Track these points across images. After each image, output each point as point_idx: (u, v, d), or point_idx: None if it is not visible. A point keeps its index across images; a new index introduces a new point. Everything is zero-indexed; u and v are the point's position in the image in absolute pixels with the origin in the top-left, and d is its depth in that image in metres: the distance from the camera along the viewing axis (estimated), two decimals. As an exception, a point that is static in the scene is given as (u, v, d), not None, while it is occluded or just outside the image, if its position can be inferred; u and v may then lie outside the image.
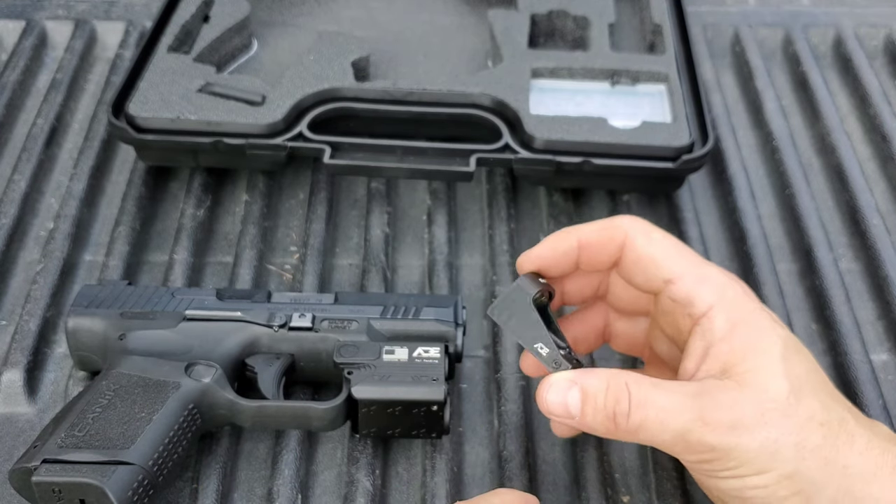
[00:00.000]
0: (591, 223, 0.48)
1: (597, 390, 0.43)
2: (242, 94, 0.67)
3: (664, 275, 0.46)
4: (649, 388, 0.42)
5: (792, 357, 0.43)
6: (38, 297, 0.61)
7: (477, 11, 0.82)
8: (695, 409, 0.41)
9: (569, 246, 0.48)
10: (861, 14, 0.86)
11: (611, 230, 0.47)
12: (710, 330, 0.44)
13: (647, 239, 0.47)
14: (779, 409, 0.41)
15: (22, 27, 0.83)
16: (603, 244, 0.48)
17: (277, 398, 0.52)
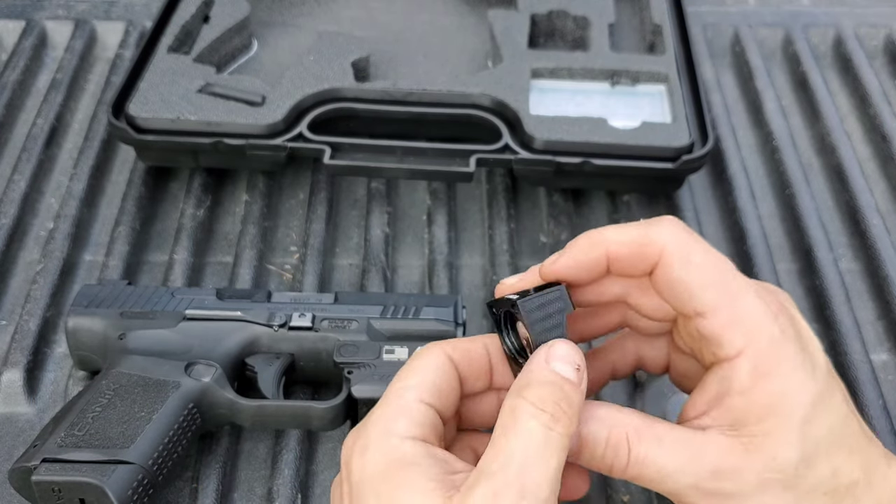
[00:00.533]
0: (625, 229, 0.42)
1: (596, 440, 0.40)
2: (242, 95, 0.68)
3: (696, 306, 0.40)
4: (651, 445, 0.39)
5: (817, 418, 0.39)
6: (38, 296, 0.61)
7: (477, 11, 0.82)
8: (694, 475, 0.39)
9: (597, 258, 0.42)
10: (861, 14, 0.86)
11: (646, 246, 0.41)
12: (731, 378, 0.40)
13: (685, 262, 0.40)
14: (782, 479, 0.39)
15: (22, 27, 0.83)
16: (634, 261, 0.42)
17: (277, 398, 0.52)
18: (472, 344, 0.43)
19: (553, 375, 0.39)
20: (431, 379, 0.41)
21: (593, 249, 0.43)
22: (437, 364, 0.42)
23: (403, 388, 0.41)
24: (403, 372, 0.42)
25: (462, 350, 0.43)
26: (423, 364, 0.42)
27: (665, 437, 0.40)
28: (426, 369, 0.41)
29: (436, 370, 0.42)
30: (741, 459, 0.39)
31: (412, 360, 0.42)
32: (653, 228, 0.42)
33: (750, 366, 0.40)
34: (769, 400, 0.39)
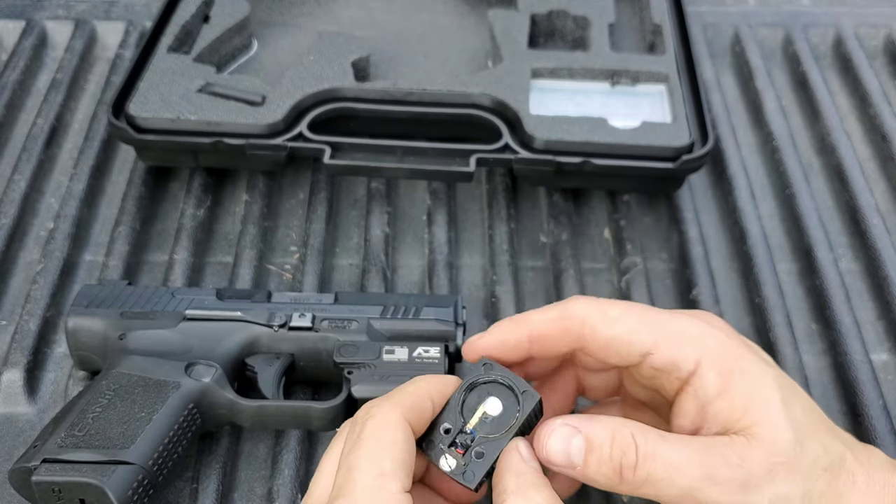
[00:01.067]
0: (543, 311, 0.45)
1: (602, 440, 0.40)
2: (242, 95, 0.68)
3: (639, 350, 0.43)
4: (657, 441, 0.40)
5: (790, 401, 0.41)
6: (38, 297, 0.61)
7: (477, 11, 0.82)
8: (704, 466, 0.39)
9: (517, 339, 0.44)
10: (861, 14, 0.86)
11: (565, 321, 0.44)
12: (703, 388, 0.41)
13: (607, 321, 0.43)
14: (786, 461, 0.40)
15: (22, 27, 0.83)
16: (557, 336, 0.44)
17: (277, 398, 0.52)
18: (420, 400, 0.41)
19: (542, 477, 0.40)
20: (405, 459, 0.38)
21: (514, 330, 0.45)
22: (405, 437, 0.39)
23: (382, 477, 0.37)
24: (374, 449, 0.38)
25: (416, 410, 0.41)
26: (393, 440, 0.38)
27: (668, 435, 0.40)
28: (398, 447, 0.38)
29: (406, 444, 0.39)
30: (747, 450, 0.40)
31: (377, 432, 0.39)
32: (568, 304, 0.44)
33: (713, 370, 0.41)
34: (746, 393, 0.41)
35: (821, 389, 0.58)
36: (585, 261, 0.67)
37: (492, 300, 0.63)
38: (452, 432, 0.41)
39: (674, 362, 0.42)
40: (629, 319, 0.43)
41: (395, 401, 0.40)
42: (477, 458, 0.40)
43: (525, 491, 0.39)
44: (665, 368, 0.42)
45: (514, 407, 0.42)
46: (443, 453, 0.41)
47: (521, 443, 0.41)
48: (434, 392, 0.42)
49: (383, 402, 0.40)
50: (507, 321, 0.45)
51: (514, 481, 0.39)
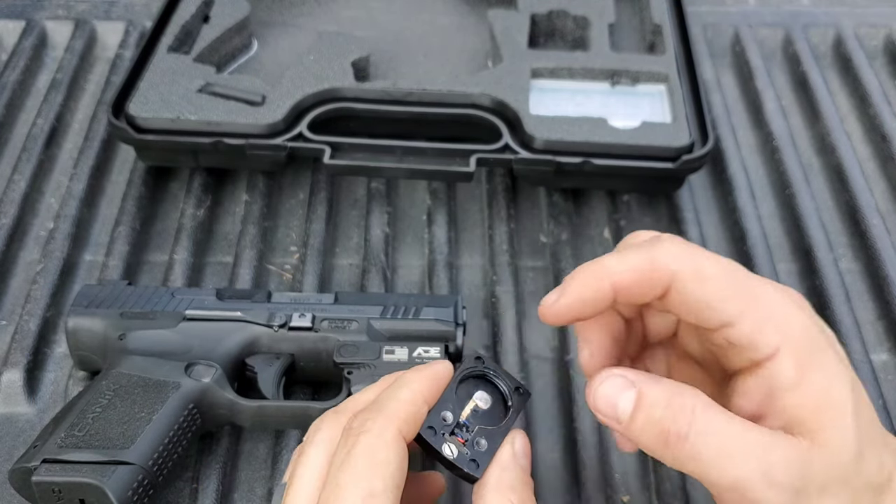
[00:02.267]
0: (627, 257, 0.40)
1: (656, 400, 0.37)
2: (242, 95, 0.68)
3: (721, 319, 0.39)
4: (719, 418, 0.37)
5: (860, 410, 0.38)
6: (38, 297, 0.61)
7: (477, 11, 0.82)
8: (763, 463, 0.36)
9: (602, 293, 0.40)
10: (861, 14, 0.86)
11: (653, 272, 0.39)
12: (777, 377, 0.38)
13: (699, 280, 0.39)
14: (841, 476, 0.37)
15: (22, 27, 0.83)
16: (643, 289, 0.40)
17: (277, 398, 0.52)
18: (416, 407, 0.39)
19: (526, 476, 0.39)
20: (397, 481, 0.37)
21: (597, 283, 0.40)
22: (399, 456, 0.37)
23: (371, 498, 0.35)
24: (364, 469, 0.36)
25: (412, 420, 0.39)
26: (386, 460, 0.36)
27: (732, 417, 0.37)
28: (391, 467, 0.37)
29: (400, 462, 0.37)
30: (809, 455, 0.37)
31: (371, 451, 0.37)
32: (657, 252, 0.40)
33: (792, 361, 0.38)
34: (819, 392, 0.38)
35: (821, 389, 0.58)
36: (585, 261, 0.66)
37: (492, 300, 0.63)
38: (451, 421, 0.41)
39: (753, 342, 0.38)
40: (720, 282, 0.39)
41: (391, 413, 0.38)
42: (479, 447, 0.40)
43: (503, 488, 0.38)
44: (741, 344, 0.39)
45: (501, 401, 0.42)
46: (444, 441, 0.40)
47: (518, 438, 0.40)
48: (428, 394, 0.40)
49: (378, 414, 0.38)
50: (584, 272, 0.41)
51: (497, 475, 0.39)
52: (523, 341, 0.60)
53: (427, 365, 0.41)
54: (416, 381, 0.40)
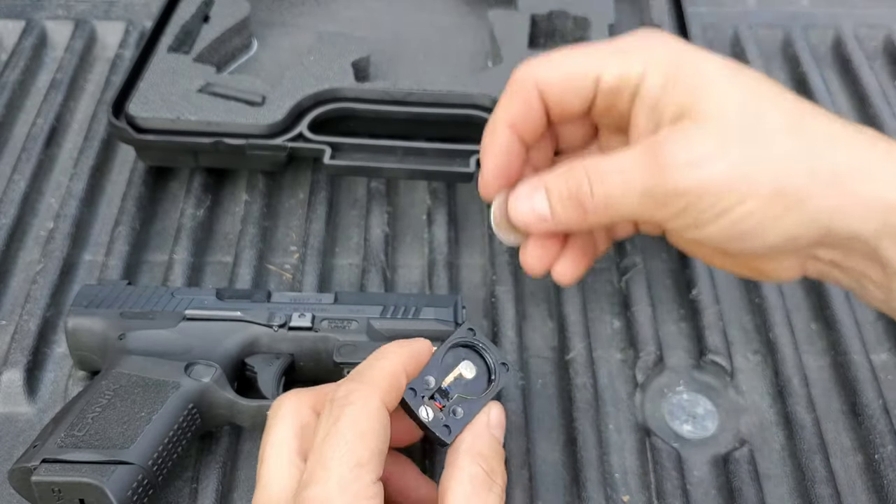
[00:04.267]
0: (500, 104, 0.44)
1: (558, 182, 0.41)
2: (242, 95, 0.68)
3: (591, 77, 0.42)
4: (604, 160, 0.40)
5: (736, 76, 0.39)
6: (38, 296, 0.61)
7: (477, 11, 0.82)
8: (651, 160, 0.38)
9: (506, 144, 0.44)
10: (860, 15, 0.87)
11: (519, 92, 0.43)
12: (649, 89, 0.41)
13: (552, 65, 0.43)
14: (738, 129, 0.38)
15: (22, 27, 0.83)
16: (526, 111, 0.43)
17: (277, 398, 0.52)
18: (396, 379, 0.41)
19: (497, 445, 0.41)
20: (381, 448, 0.38)
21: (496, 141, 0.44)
22: (383, 425, 0.38)
23: (358, 468, 0.36)
24: (351, 438, 0.37)
25: (393, 390, 0.40)
26: (370, 429, 0.38)
27: (616, 151, 0.40)
28: (375, 436, 0.38)
29: (383, 431, 0.38)
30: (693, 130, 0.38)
31: (356, 421, 0.37)
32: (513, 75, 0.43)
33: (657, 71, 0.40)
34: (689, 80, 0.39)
35: (821, 389, 0.58)
36: (585, 261, 0.66)
37: (492, 300, 0.63)
38: (433, 386, 0.43)
39: (621, 76, 0.41)
40: (569, 53, 0.43)
41: (374, 384, 0.39)
42: (454, 415, 0.42)
43: (474, 453, 0.40)
44: (616, 86, 0.42)
45: (486, 373, 0.44)
46: (422, 404, 0.42)
47: (494, 409, 0.43)
48: (409, 366, 0.42)
49: (360, 385, 0.39)
50: (485, 142, 0.45)
51: (470, 441, 0.41)
52: (523, 341, 0.60)
53: (407, 341, 0.43)
54: (397, 353, 0.42)
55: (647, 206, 0.39)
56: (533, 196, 0.42)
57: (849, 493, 0.53)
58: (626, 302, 0.62)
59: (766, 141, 0.38)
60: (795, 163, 0.37)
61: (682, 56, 0.41)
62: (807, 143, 0.38)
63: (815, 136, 0.38)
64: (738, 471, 0.53)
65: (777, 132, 0.38)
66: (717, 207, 0.38)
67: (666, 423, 0.56)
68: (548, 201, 0.42)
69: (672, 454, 0.54)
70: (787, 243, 0.39)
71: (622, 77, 0.41)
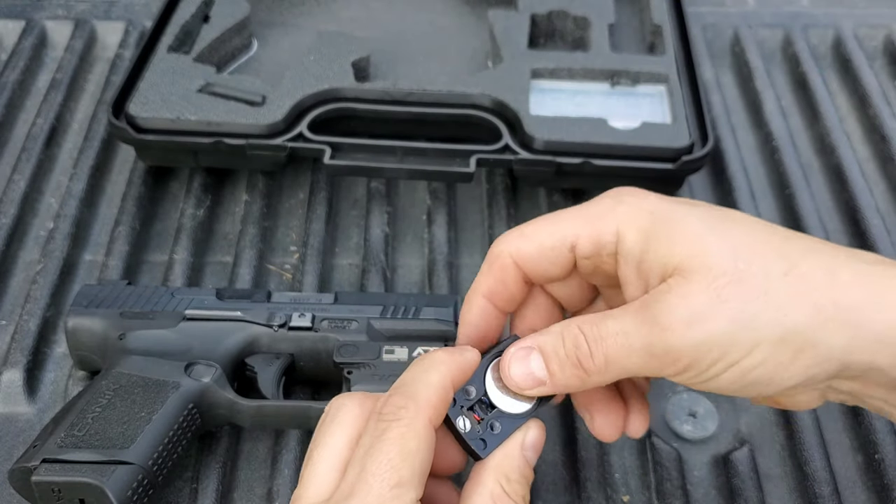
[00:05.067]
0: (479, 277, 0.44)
1: (555, 344, 0.40)
2: (242, 95, 0.68)
3: (565, 246, 0.42)
4: (600, 321, 0.39)
5: (719, 224, 0.39)
6: (38, 296, 0.61)
7: (477, 11, 0.82)
8: (648, 320, 0.38)
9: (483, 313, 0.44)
10: (860, 15, 0.87)
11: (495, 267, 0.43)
12: (629, 251, 0.40)
13: (524, 238, 0.43)
14: (731, 280, 0.37)
15: (22, 27, 0.83)
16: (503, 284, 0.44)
17: (277, 398, 0.52)
18: (446, 393, 0.40)
19: (527, 468, 0.40)
20: (424, 469, 0.37)
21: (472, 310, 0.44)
22: (428, 445, 0.37)
23: (399, 487, 0.36)
24: (395, 457, 0.36)
25: (441, 406, 0.39)
26: (416, 449, 0.37)
27: (611, 311, 0.40)
28: (420, 456, 0.37)
29: (428, 452, 0.37)
30: (685, 287, 0.37)
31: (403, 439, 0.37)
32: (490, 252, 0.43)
33: (632, 231, 0.40)
34: (668, 237, 0.39)
35: (820, 390, 0.58)
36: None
37: (492, 300, 0.63)
38: (474, 396, 0.41)
39: (596, 241, 0.41)
40: (542, 225, 0.43)
41: (422, 401, 0.38)
42: (492, 429, 0.40)
43: (500, 473, 0.39)
44: (594, 251, 0.41)
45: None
46: (461, 414, 0.40)
47: (532, 429, 0.41)
48: (457, 379, 0.41)
49: (408, 401, 0.38)
50: (462, 310, 0.45)
51: (499, 460, 0.40)
52: (523, 341, 0.60)
53: (458, 349, 0.42)
54: (447, 363, 0.41)
55: (650, 365, 0.38)
56: (528, 359, 0.41)
57: (849, 493, 0.53)
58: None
59: (763, 288, 0.37)
60: (798, 305, 0.36)
61: (656, 212, 0.40)
62: (806, 283, 0.37)
63: (813, 275, 0.37)
64: (738, 471, 0.53)
65: (773, 277, 0.37)
66: (724, 362, 0.37)
67: (666, 423, 0.56)
68: (544, 364, 0.40)
69: (672, 454, 0.54)
70: (803, 383, 0.38)
71: (597, 243, 0.41)
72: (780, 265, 0.37)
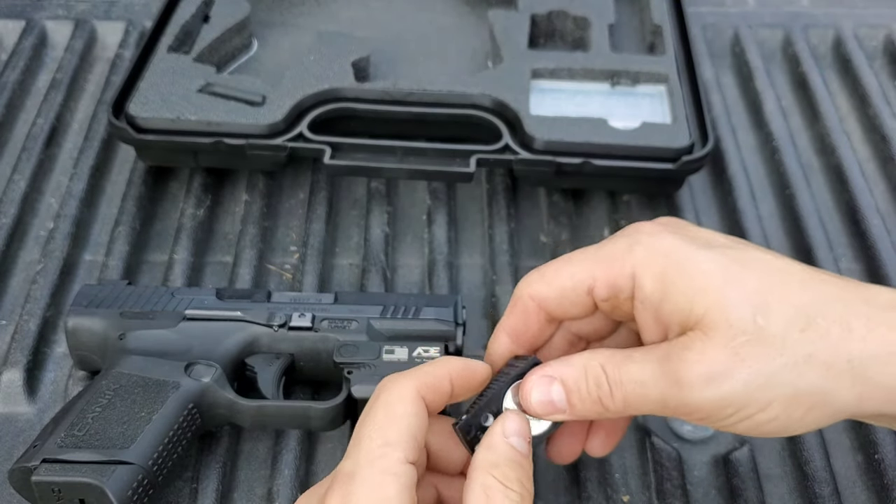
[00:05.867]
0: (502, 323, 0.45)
1: (577, 380, 0.41)
2: (242, 95, 0.68)
3: (582, 289, 0.43)
4: (623, 364, 0.40)
5: (737, 272, 0.39)
6: (38, 296, 0.61)
7: (477, 11, 0.82)
8: (667, 375, 0.39)
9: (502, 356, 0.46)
10: (860, 15, 0.87)
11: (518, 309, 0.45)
12: (646, 297, 0.41)
13: (544, 282, 0.44)
14: (750, 339, 0.37)
15: (22, 27, 0.83)
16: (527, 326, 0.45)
17: (277, 398, 0.52)
18: (438, 379, 0.42)
19: (514, 453, 0.40)
20: (413, 432, 0.39)
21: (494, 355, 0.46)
22: (415, 411, 0.40)
23: (386, 446, 0.38)
24: (381, 419, 0.39)
25: (431, 386, 0.41)
26: (403, 413, 0.39)
27: (634, 354, 0.41)
28: (406, 420, 0.39)
29: (415, 418, 0.40)
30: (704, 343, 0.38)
31: (388, 404, 0.40)
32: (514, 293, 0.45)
33: (648, 276, 0.40)
34: (685, 287, 0.39)
35: (821, 390, 0.58)
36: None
37: (492, 300, 0.63)
38: (490, 424, 0.42)
39: (612, 285, 0.42)
40: (560, 266, 0.44)
41: (413, 376, 0.41)
42: None
43: (486, 466, 0.39)
44: (611, 295, 0.42)
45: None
46: (478, 440, 0.41)
47: (510, 417, 0.41)
48: (455, 374, 0.42)
49: (401, 376, 0.41)
50: (488, 347, 0.46)
51: (482, 455, 0.40)
52: (523, 341, 0.60)
53: (470, 359, 0.44)
54: (447, 361, 0.43)
55: (667, 413, 0.40)
56: (549, 387, 0.41)
57: (849, 493, 0.53)
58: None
59: (779, 348, 0.37)
60: (811, 364, 0.37)
61: (671, 257, 0.40)
62: (819, 338, 0.37)
63: (829, 330, 0.38)
64: (738, 471, 0.53)
65: (789, 336, 0.38)
66: (738, 416, 0.39)
67: (666, 422, 0.56)
68: (565, 396, 0.41)
69: (672, 454, 0.54)
70: (813, 430, 0.40)
71: (614, 286, 0.42)
72: (798, 322, 0.38)
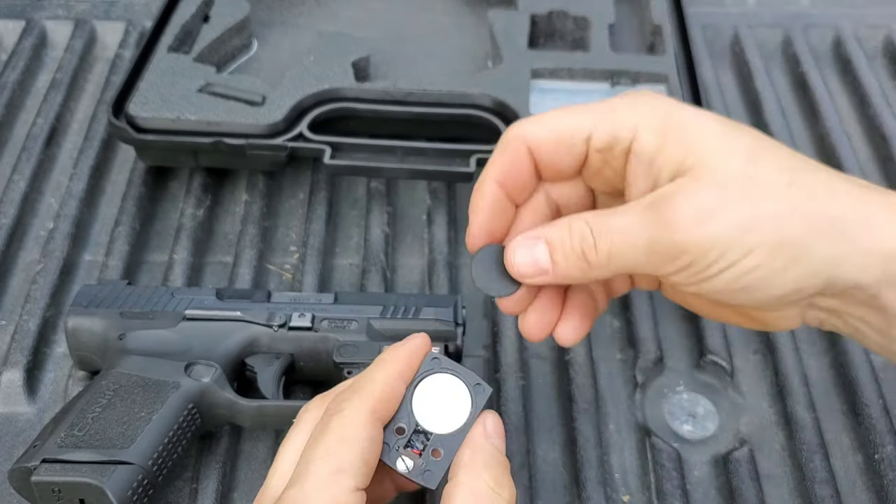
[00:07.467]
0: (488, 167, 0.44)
1: (560, 235, 0.41)
2: (242, 94, 0.68)
3: (580, 136, 0.42)
4: (608, 215, 0.41)
5: (732, 131, 0.40)
6: (38, 296, 0.61)
7: (477, 11, 0.82)
8: (655, 216, 0.39)
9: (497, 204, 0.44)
10: (860, 15, 0.87)
11: (509, 151, 0.43)
12: (643, 149, 0.41)
13: (541, 123, 0.43)
14: (739, 183, 0.38)
15: (22, 27, 0.83)
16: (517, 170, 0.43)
17: (277, 398, 0.52)
18: (390, 387, 0.41)
19: (500, 455, 0.40)
20: (365, 458, 0.38)
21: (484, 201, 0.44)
22: (368, 436, 0.39)
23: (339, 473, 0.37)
24: (334, 443, 0.38)
25: (386, 399, 0.40)
26: (355, 437, 0.38)
27: (619, 207, 0.41)
28: (358, 445, 0.38)
29: (368, 442, 0.38)
30: (693, 186, 0.39)
31: (342, 427, 0.38)
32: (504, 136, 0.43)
33: (648, 130, 0.41)
34: (683, 138, 0.40)
35: (821, 389, 0.58)
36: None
37: (492, 300, 0.63)
38: (407, 432, 0.40)
39: (612, 134, 0.41)
40: (558, 113, 0.43)
41: (366, 394, 0.40)
42: (434, 456, 0.40)
43: (476, 467, 0.39)
44: (608, 145, 0.42)
45: (466, 400, 0.42)
46: (399, 455, 0.40)
47: (489, 418, 0.41)
48: (405, 371, 0.42)
49: (353, 395, 0.40)
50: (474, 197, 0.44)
51: (470, 455, 0.40)
52: (523, 341, 0.60)
53: (403, 341, 0.43)
54: (392, 360, 0.42)
55: (651, 261, 0.40)
56: (533, 247, 0.42)
57: (849, 493, 0.53)
58: (625, 302, 0.62)
59: (766, 195, 0.38)
60: (796, 215, 0.38)
61: (674, 114, 0.41)
62: (805, 195, 0.38)
63: (813, 188, 0.39)
64: (738, 471, 0.53)
65: (776, 186, 0.39)
66: (722, 261, 0.38)
67: (666, 423, 0.56)
68: (549, 253, 0.41)
69: (672, 454, 0.54)
70: (791, 294, 0.39)
71: (613, 135, 0.41)
72: (785, 176, 0.39)
